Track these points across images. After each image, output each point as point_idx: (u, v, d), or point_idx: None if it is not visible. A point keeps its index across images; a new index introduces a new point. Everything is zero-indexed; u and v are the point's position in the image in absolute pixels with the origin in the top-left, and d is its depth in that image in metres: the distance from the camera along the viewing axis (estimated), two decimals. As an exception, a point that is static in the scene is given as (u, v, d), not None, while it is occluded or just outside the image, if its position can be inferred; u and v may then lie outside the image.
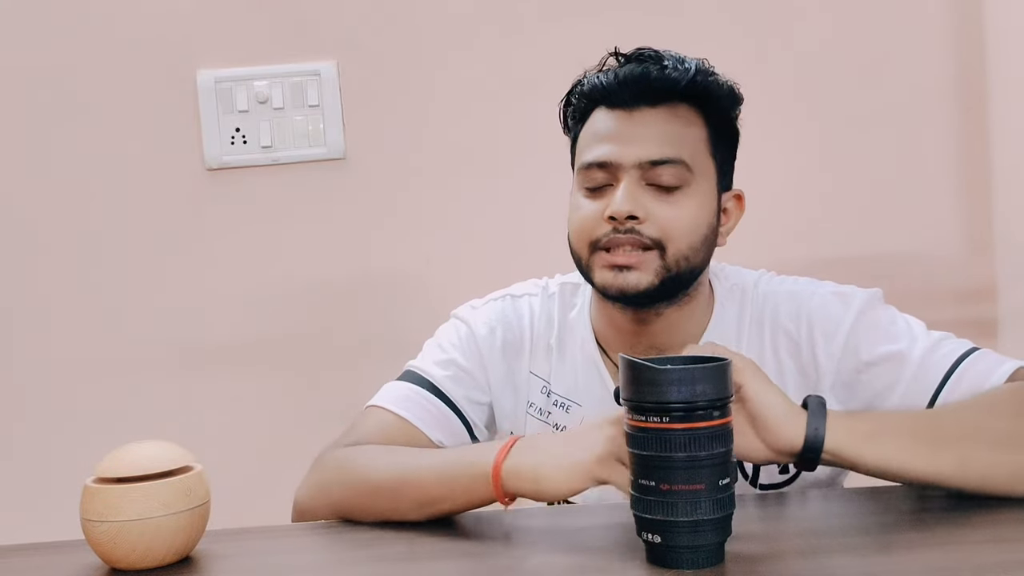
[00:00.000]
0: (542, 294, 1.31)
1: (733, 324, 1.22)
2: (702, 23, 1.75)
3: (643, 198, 1.14)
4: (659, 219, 1.14)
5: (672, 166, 1.15)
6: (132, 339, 1.78)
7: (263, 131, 1.76)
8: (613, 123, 1.17)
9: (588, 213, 1.17)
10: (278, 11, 1.76)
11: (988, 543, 0.87)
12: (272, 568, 0.95)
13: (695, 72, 1.17)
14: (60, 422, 1.78)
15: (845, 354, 1.15)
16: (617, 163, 1.15)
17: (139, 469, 0.92)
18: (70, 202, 1.78)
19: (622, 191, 1.14)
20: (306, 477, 1.15)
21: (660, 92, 1.16)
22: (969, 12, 1.75)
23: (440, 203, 1.78)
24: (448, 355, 1.27)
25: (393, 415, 1.19)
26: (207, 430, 1.75)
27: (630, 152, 1.15)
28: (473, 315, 1.30)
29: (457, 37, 1.77)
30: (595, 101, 1.20)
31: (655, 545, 0.84)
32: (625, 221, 1.14)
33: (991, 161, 1.76)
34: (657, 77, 1.16)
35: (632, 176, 1.15)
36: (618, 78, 1.17)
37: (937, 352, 1.12)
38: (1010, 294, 1.74)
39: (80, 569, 0.95)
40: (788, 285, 1.24)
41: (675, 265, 1.15)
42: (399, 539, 0.99)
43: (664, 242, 1.14)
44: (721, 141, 1.20)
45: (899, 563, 0.84)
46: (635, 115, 1.16)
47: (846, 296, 1.19)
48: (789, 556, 0.86)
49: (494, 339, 1.27)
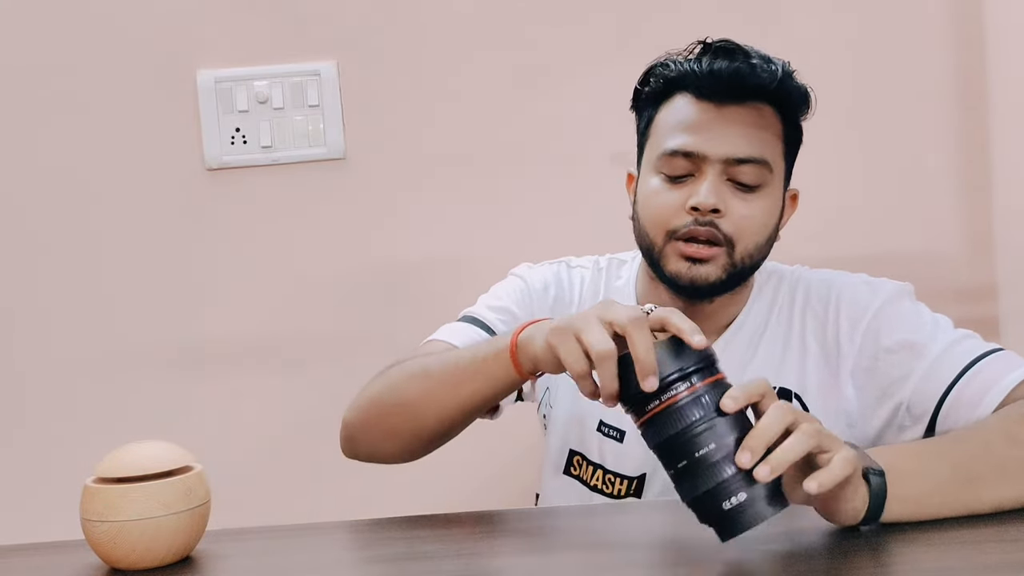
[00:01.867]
0: (593, 267, 1.35)
1: (766, 306, 1.26)
2: (700, 22, 1.73)
3: (724, 193, 1.17)
4: (735, 216, 1.17)
5: (755, 165, 1.17)
6: (132, 339, 1.78)
7: (263, 131, 1.76)
8: (701, 114, 1.19)
9: (668, 201, 1.19)
10: (278, 11, 1.76)
11: (991, 543, 0.87)
12: (272, 568, 0.95)
13: (783, 73, 1.19)
14: (60, 422, 1.78)
15: (866, 339, 1.18)
16: (704, 155, 1.17)
17: (139, 469, 0.92)
18: (70, 202, 1.78)
19: (708, 184, 1.16)
20: (352, 400, 1.19)
21: (749, 90, 1.18)
22: (969, 12, 1.75)
23: (440, 203, 1.78)
24: (502, 303, 1.30)
25: (445, 343, 1.22)
26: (207, 430, 1.75)
27: (718, 146, 1.17)
28: (529, 272, 1.35)
29: (458, 37, 1.77)
30: (680, 87, 1.21)
31: (740, 506, 0.81)
32: (708, 214, 1.16)
33: (991, 161, 1.76)
34: (749, 75, 1.17)
35: (716, 170, 1.17)
36: (712, 69, 1.18)
37: (956, 348, 1.13)
38: (1010, 294, 1.74)
39: (80, 569, 0.95)
40: (821, 274, 1.28)
41: (741, 261, 1.18)
42: (399, 539, 0.99)
43: (735, 239, 1.17)
44: (793, 140, 1.23)
45: (900, 563, 0.84)
46: (724, 110, 1.18)
47: (876, 285, 1.22)
48: (790, 555, 0.85)
49: (547, 296, 1.31)
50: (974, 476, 0.94)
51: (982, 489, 0.94)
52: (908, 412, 1.14)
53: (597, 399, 0.89)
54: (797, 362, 1.21)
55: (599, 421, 1.26)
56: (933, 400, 1.11)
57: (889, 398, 1.15)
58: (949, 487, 0.93)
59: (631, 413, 0.87)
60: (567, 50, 1.75)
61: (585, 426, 1.27)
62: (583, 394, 0.92)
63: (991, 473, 0.95)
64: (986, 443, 0.97)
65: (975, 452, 0.96)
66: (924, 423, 1.12)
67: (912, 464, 0.93)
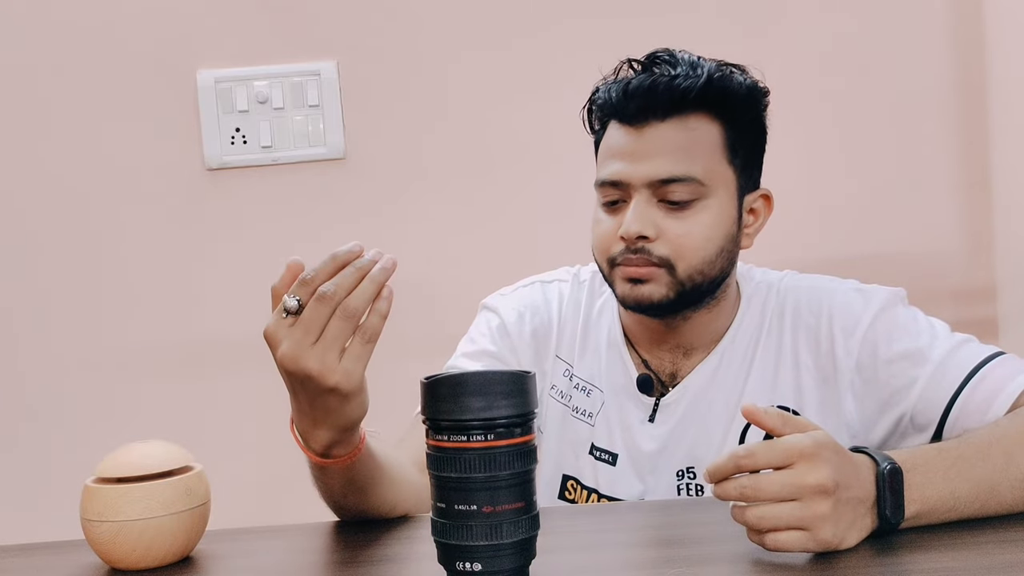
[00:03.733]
0: (573, 280, 1.32)
1: (756, 319, 1.23)
2: (700, 24, 1.75)
3: (655, 215, 1.14)
4: (670, 237, 1.14)
5: (682, 183, 1.14)
6: (132, 339, 1.78)
7: (263, 131, 1.76)
8: (624, 140, 1.16)
9: (605, 230, 1.18)
10: (278, 11, 1.76)
11: (993, 543, 0.87)
12: (272, 568, 0.95)
13: (707, 78, 1.15)
14: (60, 422, 1.78)
15: (863, 350, 1.15)
16: (627, 182, 1.15)
17: (139, 469, 0.92)
18: (70, 202, 1.78)
19: (632, 211, 1.14)
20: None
21: (669, 104, 1.14)
22: (969, 12, 1.75)
23: (440, 203, 1.78)
24: (479, 346, 1.28)
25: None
26: (207, 430, 1.75)
27: (640, 171, 1.14)
28: (502, 303, 1.31)
29: (458, 37, 1.77)
30: (609, 114, 1.19)
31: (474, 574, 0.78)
32: (635, 241, 1.14)
33: (991, 161, 1.76)
34: (665, 89, 1.14)
35: (643, 195, 1.15)
36: (627, 92, 1.16)
37: (959, 354, 1.11)
38: (1010, 294, 1.74)
39: (80, 569, 0.95)
40: (811, 281, 1.24)
41: (688, 280, 1.15)
42: (399, 539, 0.99)
43: (674, 260, 1.14)
44: (743, 143, 1.19)
45: (902, 563, 0.84)
46: (645, 131, 1.15)
47: (868, 293, 1.19)
48: (788, 555, 0.85)
49: (523, 326, 1.29)
50: (995, 490, 0.93)
51: (1001, 501, 0.93)
52: (912, 422, 1.12)
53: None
54: (792, 378, 1.19)
55: (591, 444, 1.25)
56: (939, 408, 1.09)
57: (892, 408, 1.13)
58: (969, 504, 0.92)
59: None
60: (568, 50, 1.75)
61: (577, 450, 1.26)
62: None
63: (1012, 485, 0.93)
64: (1008, 455, 0.95)
65: (997, 465, 0.94)
66: (930, 431, 1.11)
67: (933, 482, 0.90)
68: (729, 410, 1.20)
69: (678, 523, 1.00)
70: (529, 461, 0.78)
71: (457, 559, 0.78)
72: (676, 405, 1.22)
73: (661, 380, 1.24)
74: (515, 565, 0.78)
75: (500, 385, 0.77)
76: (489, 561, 0.77)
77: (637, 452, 1.22)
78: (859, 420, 1.16)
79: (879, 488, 0.87)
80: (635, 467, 1.22)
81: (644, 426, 1.22)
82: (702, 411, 1.21)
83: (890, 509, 0.87)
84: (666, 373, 1.24)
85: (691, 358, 1.23)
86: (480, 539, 0.77)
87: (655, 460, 1.22)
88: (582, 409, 1.26)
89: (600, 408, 1.24)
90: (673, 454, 1.21)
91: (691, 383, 1.22)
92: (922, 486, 0.89)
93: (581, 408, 1.26)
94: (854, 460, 0.87)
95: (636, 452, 1.22)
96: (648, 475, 1.21)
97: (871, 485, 0.87)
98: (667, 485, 1.20)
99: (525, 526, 0.78)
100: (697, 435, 1.21)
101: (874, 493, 0.87)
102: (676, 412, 1.22)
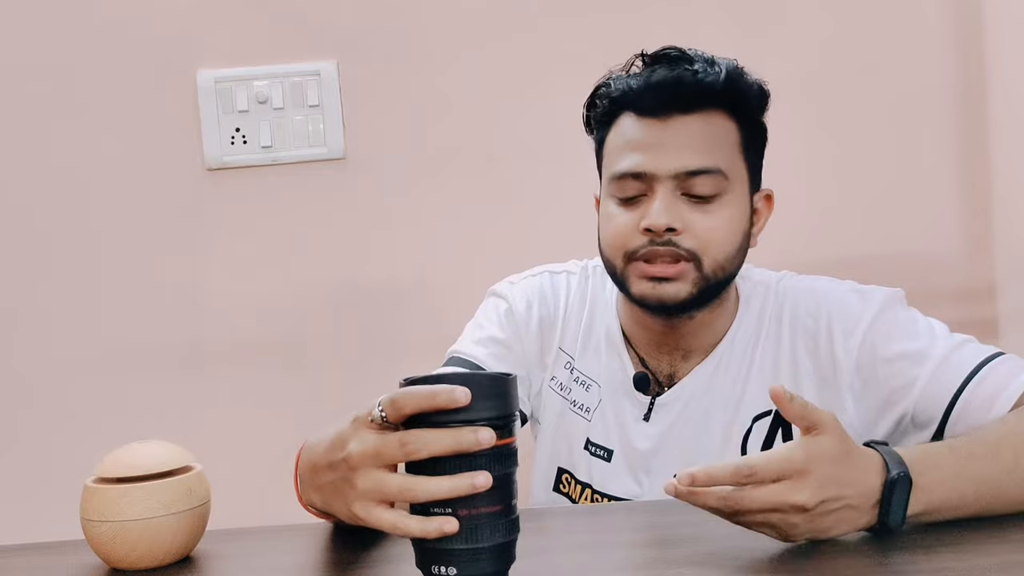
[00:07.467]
0: (581, 273, 1.32)
1: (754, 323, 1.22)
2: (700, 21, 1.75)
3: (680, 209, 1.13)
4: (697, 230, 1.13)
5: (709, 176, 1.13)
6: (132, 339, 1.78)
7: (263, 131, 1.76)
8: (645, 131, 1.15)
9: (623, 223, 1.16)
10: (278, 11, 1.76)
11: (992, 543, 0.87)
12: (272, 568, 0.95)
13: (727, 76, 1.15)
14: (60, 422, 1.78)
15: (863, 351, 1.15)
16: (652, 174, 1.14)
17: (139, 469, 0.92)
18: (70, 202, 1.78)
19: (659, 203, 1.13)
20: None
21: (694, 99, 1.14)
22: (969, 12, 1.75)
23: (440, 203, 1.78)
24: (487, 332, 1.28)
25: None
26: (207, 430, 1.75)
27: (666, 162, 1.13)
28: (511, 290, 1.31)
29: (458, 37, 1.77)
30: (623, 106, 1.18)
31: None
32: (663, 234, 1.13)
33: (991, 161, 1.76)
34: (691, 83, 1.13)
35: (668, 187, 1.13)
36: (650, 84, 1.15)
37: (960, 353, 1.11)
38: (1010, 294, 1.74)
39: (80, 569, 0.95)
40: (809, 282, 1.24)
41: (713, 275, 1.15)
42: (399, 539, 0.99)
43: (701, 254, 1.14)
44: (752, 142, 1.19)
45: (902, 563, 0.84)
46: (669, 123, 1.14)
47: (866, 294, 1.19)
48: (788, 555, 0.86)
49: (531, 314, 1.28)
50: (1001, 490, 0.93)
51: (1006, 501, 0.93)
52: (913, 420, 1.12)
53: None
54: (791, 382, 1.18)
55: (586, 439, 1.25)
56: (940, 407, 1.09)
57: (892, 408, 1.13)
58: (974, 503, 0.92)
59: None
60: (568, 49, 1.75)
61: (573, 444, 1.26)
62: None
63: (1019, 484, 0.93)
64: (1017, 453, 0.95)
65: (1006, 464, 0.94)
66: (931, 429, 1.11)
67: (943, 483, 0.90)
68: (728, 414, 1.20)
69: (674, 524, 0.99)
70: (509, 464, 0.77)
71: (433, 562, 0.77)
72: (672, 406, 1.22)
73: (658, 380, 1.24)
74: (493, 570, 0.76)
75: (480, 387, 0.75)
76: (466, 565, 0.75)
77: (631, 450, 1.22)
78: (860, 421, 1.16)
79: (884, 494, 0.86)
80: (629, 465, 1.22)
81: (639, 424, 1.23)
82: (699, 414, 1.21)
83: (892, 516, 0.87)
84: (664, 374, 1.24)
85: (689, 360, 1.23)
86: (457, 543, 0.75)
87: (649, 460, 1.22)
88: (580, 403, 1.26)
89: (598, 404, 1.25)
90: (669, 455, 1.21)
91: (688, 385, 1.22)
92: (930, 488, 0.89)
93: (579, 403, 1.26)
94: (858, 464, 0.86)
95: (630, 450, 1.23)
96: (643, 475, 1.22)
97: (874, 488, 0.86)
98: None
99: (504, 530, 0.76)
100: (694, 438, 1.21)
101: (877, 496, 0.86)
102: (671, 413, 1.22)
